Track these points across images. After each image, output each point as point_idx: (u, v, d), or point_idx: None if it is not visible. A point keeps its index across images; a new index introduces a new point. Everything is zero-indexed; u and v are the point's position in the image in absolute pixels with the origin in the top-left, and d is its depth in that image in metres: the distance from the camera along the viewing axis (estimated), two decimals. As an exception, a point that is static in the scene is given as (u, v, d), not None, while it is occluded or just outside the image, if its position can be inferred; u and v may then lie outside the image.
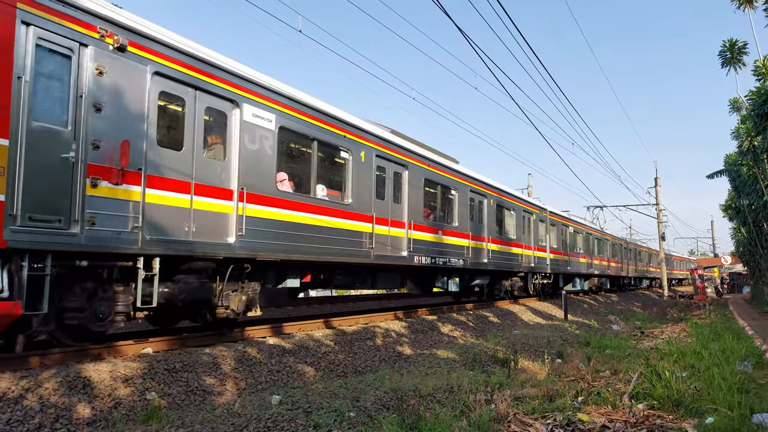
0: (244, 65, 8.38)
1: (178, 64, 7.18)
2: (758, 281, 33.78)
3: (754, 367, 8.49)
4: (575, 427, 5.33)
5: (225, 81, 7.84)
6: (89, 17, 6.19)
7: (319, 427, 5.20)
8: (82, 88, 6.10)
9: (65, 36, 5.96)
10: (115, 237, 6.33)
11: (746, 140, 21.17)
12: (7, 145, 5.35)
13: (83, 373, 5.85)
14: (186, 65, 7.27)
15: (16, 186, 5.45)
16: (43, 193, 5.71)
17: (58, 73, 5.99)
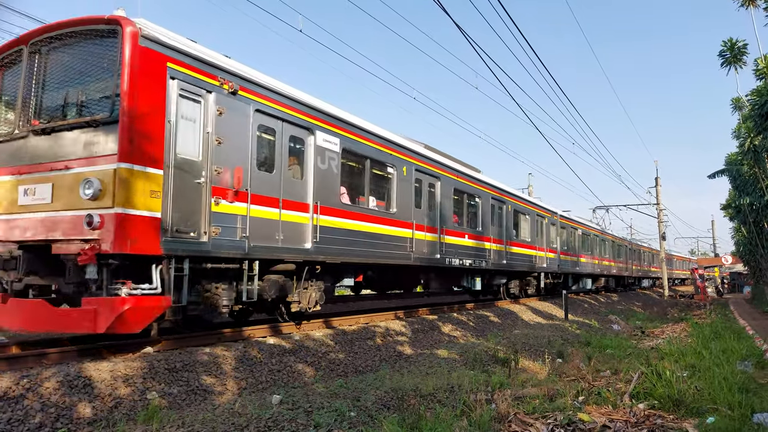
0: (316, 98, 9.81)
1: (271, 102, 8.61)
2: (759, 281, 33.76)
3: (754, 366, 8.49)
4: (576, 426, 5.33)
5: (303, 113, 9.27)
6: (212, 69, 7.63)
7: (319, 426, 5.20)
8: (207, 126, 7.49)
9: (197, 85, 7.41)
10: (231, 244, 7.70)
11: (747, 140, 21.16)
12: (161, 174, 6.76)
13: (84, 373, 5.86)
14: (276, 102, 8.70)
15: (168, 206, 6.83)
16: (184, 211, 7.07)
17: (192, 115, 7.37)
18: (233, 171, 7.76)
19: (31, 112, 7.32)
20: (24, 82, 7.38)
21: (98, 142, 6.61)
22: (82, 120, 6.75)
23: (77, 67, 7.14)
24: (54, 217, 6.74)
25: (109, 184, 6.35)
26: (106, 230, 6.30)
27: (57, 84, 7.30)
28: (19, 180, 7.12)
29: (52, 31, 7.32)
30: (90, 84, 6.99)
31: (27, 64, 7.41)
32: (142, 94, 6.64)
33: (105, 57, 6.82)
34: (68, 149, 6.81)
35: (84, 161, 6.62)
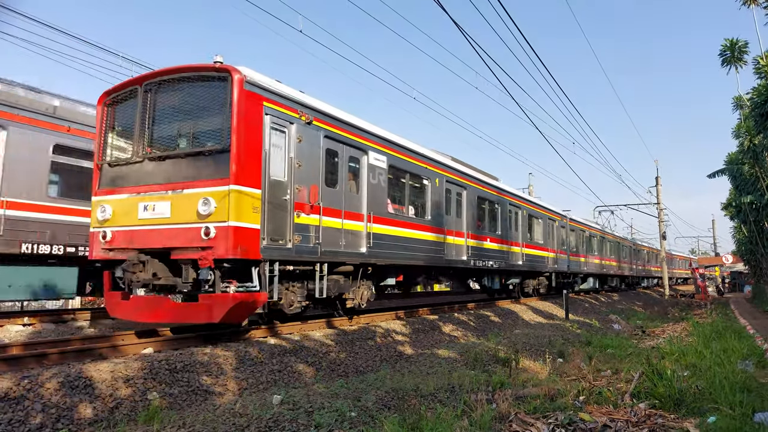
0: (369, 123, 11.29)
1: (336, 128, 10.06)
2: (759, 280, 33.74)
3: (755, 366, 8.47)
4: (577, 426, 5.32)
5: (359, 136, 10.77)
6: (294, 104, 9.04)
7: (320, 426, 5.19)
8: (290, 151, 8.90)
9: (283, 119, 8.81)
10: (307, 250, 9.06)
11: (747, 139, 21.12)
12: (260, 193, 8.14)
13: (84, 373, 5.86)
14: (339, 128, 10.17)
15: (264, 219, 8.18)
16: (275, 223, 8.44)
17: (279, 143, 8.77)
18: (309, 189, 9.22)
19: (145, 142, 8.65)
20: (139, 117, 8.70)
21: (212, 167, 7.95)
22: (197, 150, 8.18)
23: (188, 106, 8.49)
24: (173, 228, 8.00)
25: (223, 202, 7.68)
26: (220, 240, 7.61)
27: (168, 118, 8.67)
28: (138, 198, 8.39)
29: (165, 75, 8.69)
30: (201, 119, 8.38)
31: (141, 101, 8.75)
32: (247, 129, 8.03)
33: (216, 98, 8.20)
34: (184, 173, 8.13)
35: (200, 183, 7.92)
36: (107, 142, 9.18)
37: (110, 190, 8.85)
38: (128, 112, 9.02)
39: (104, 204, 8.74)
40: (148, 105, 8.71)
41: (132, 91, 8.97)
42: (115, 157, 9.05)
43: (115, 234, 8.58)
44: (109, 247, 8.64)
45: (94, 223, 8.88)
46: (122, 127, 9.16)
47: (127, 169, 8.79)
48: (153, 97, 8.72)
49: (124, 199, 8.60)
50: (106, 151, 9.15)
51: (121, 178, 8.80)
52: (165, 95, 8.70)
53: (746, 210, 25.42)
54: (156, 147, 8.63)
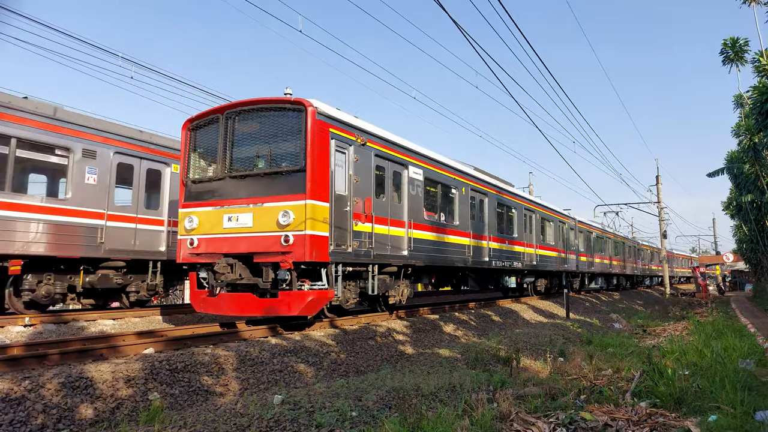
0: (409, 141, 12.66)
1: (383, 147, 11.46)
2: (760, 279, 33.72)
3: (756, 365, 8.47)
4: (578, 425, 5.32)
5: (401, 153, 12.18)
6: (352, 129, 10.42)
7: (321, 426, 5.19)
8: (349, 169, 10.27)
9: (344, 142, 10.16)
10: (363, 253, 10.37)
11: (747, 137, 21.10)
12: (328, 206, 9.44)
13: (85, 374, 5.86)
14: (386, 147, 11.59)
15: (331, 228, 9.46)
16: (339, 231, 9.74)
17: (341, 163, 10.07)
18: (364, 201, 10.56)
19: (227, 162, 9.95)
20: (221, 141, 10.05)
21: (289, 185, 9.25)
22: (275, 170, 9.51)
23: (266, 132, 9.87)
24: (255, 236, 9.30)
25: (300, 214, 8.99)
26: (298, 246, 8.89)
27: (246, 143, 10.01)
28: (223, 210, 9.73)
29: (244, 105, 10.04)
30: (278, 144, 9.76)
31: (223, 128, 10.08)
32: (318, 152, 9.36)
33: (292, 126, 9.56)
34: (263, 189, 9.46)
35: (279, 198, 9.24)
36: (190, 162, 10.55)
37: (195, 204, 10.20)
38: (209, 136, 10.40)
39: (191, 215, 10.11)
40: (229, 131, 10.07)
41: (213, 118, 10.34)
42: (198, 175, 10.47)
43: (201, 241, 9.94)
44: (196, 252, 9.96)
45: (182, 231, 10.22)
46: (203, 149, 10.55)
47: (210, 186, 10.18)
48: (233, 125, 10.08)
49: (209, 211, 9.96)
50: (190, 169, 10.52)
51: (205, 193, 10.17)
52: (244, 123, 10.07)
53: (747, 208, 25.41)
54: (236, 167, 9.97)
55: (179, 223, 10.31)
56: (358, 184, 10.42)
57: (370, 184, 10.81)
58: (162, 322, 12.49)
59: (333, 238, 9.53)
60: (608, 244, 33.43)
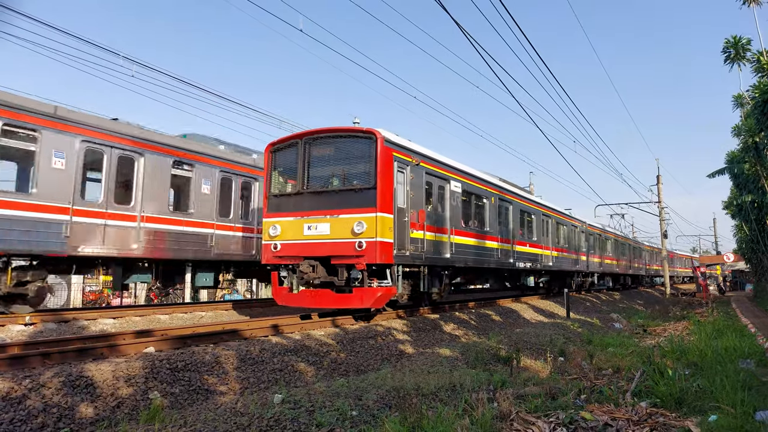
0: (451, 159, 14.62)
1: (432, 166, 13.24)
2: (761, 278, 33.69)
3: (756, 365, 8.46)
4: (578, 425, 5.32)
5: (445, 170, 14.02)
6: (409, 152, 12.15)
7: (321, 425, 5.20)
8: (407, 186, 11.93)
9: (403, 163, 11.88)
10: (417, 256, 12.05)
11: (748, 137, 21.07)
12: (392, 217, 11.14)
13: (85, 373, 5.86)
14: (434, 166, 13.38)
15: (395, 235, 11.16)
16: (400, 238, 11.41)
17: (401, 181, 11.76)
18: (418, 212, 12.18)
19: (305, 180, 11.68)
20: (300, 162, 11.77)
21: (361, 200, 10.97)
22: (349, 187, 11.31)
23: (340, 156, 11.67)
24: (332, 242, 11.03)
25: (371, 224, 10.73)
26: (370, 250, 10.62)
27: (322, 164, 11.75)
28: (303, 220, 11.42)
29: (321, 133, 11.81)
30: (351, 166, 11.55)
31: (302, 151, 11.80)
32: (385, 173, 11.13)
33: (364, 151, 11.32)
34: (338, 203, 11.15)
35: (352, 211, 10.94)
36: (272, 179, 12.26)
37: (278, 214, 11.85)
38: (288, 157, 12.12)
39: (275, 224, 11.78)
40: (307, 154, 11.78)
41: (293, 143, 12.10)
42: (279, 190, 12.21)
43: (284, 246, 11.58)
44: (279, 255, 11.62)
45: (266, 237, 11.88)
46: (282, 169, 12.32)
47: (290, 199, 11.87)
48: (310, 148, 11.80)
49: (291, 221, 11.61)
50: (272, 185, 12.23)
51: (286, 205, 11.84)
52: (320, 147, 11.78)
53: (747, 208, 25.37)
54: (312, 184, 11.68)
55: (263, 230, 12.07)
56: (413, 197, 12.15)
57: (422, 198, 12.59)
58: (162, 322, 12.50)
59: (396, 243, 11.28)
60: (615, 246, 35.25)
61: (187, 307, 14.72)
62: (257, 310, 15.50)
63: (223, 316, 14.06)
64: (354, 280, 11.02)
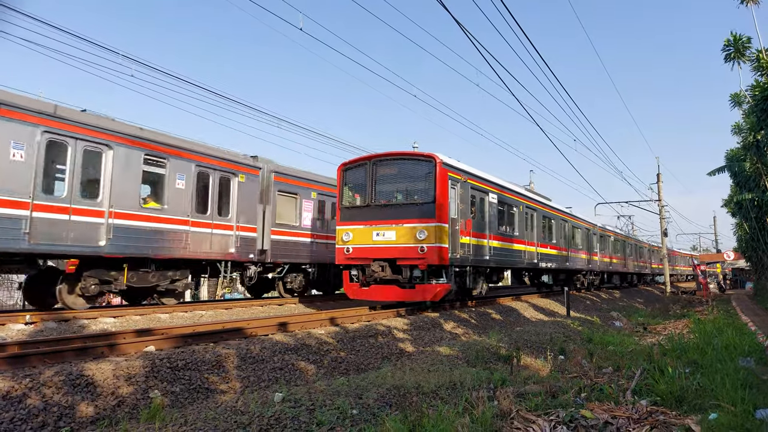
0: (490, 175, 17.16)
1: (475, 182, 15.38)
2: (761, 277, 33.68)
3: (757, 363, 8.46)
4: (578, 423, 5.32)
5: (485, 184, 16.27)
6: (459, 171, 14.33)
7: (322, 424, 5.20)
8: (457, 200, 14.09)
9: (455, 181, 14.01)
10: (463, 258, 14.05)
11: (749, 135, 21.04)
12: (447, 226, 13.24)
13: (86, 372, 5.87)
14: (476, 181, 15.54)
15: (449, 241, 13.22)
16: (453, 243, 13.51)
17: (453, 196, 13.90)
18: (465, 221, 14.37)
19: (373, 194, 13.88)
20: (369, 179, 13.97)
21: (422, 212, 13.09)
22: (411, 201, 13.49)
23: (402, 175, 13.86)
24: (397, 247, 13.16)
25: (431, 232, 12.85)
26: (430, 253, 12.77)
27: (387, 181, 14.00)
28: (372, 228, 13.56)
29: (387, 156, 14.13)
30: (413, 183, 13.70)
31: (370, 171, 14.00)
32: (442, 190, 13.28)
33: (424, 172, 13.51)
34: (401, 214, 13.29)
35: (415, 221, 13.07)
36: (344, 193, 14.51)
37: (349, 223, 13.94)
38: (357, 175, 14.32)
39: (347, 231, 13.87)
40: (374, 173, 13.98)
41: (362, 163, 14.32)
42: (349, 202, 14.35)
43: (355, 249, 13.71)
44: (351, 257, 13.76)
45: (339, 242, 14.00)
46: (352, 185, 14.49)
47: (359, 210, 13.93)
48: (377, 168, 14.01)
49: (361, 229, 13.71)
50: (343, 198, 14.46)
51: (356, 215, 13.90)
52: (386, 167, 14.02)
53: (747, 206, 25.35)
54: (378, 198, 13.89)
55: (337, 236, 14.23)
56: (462, 209, 14.26)
57: (468, 209, 14.72)
58: (162, 321, 12.49)
59: (450, 248, 13.31)
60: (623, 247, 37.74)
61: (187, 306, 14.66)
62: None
63: (223, 315, 14.06)
64: (416, 278, 13.25)
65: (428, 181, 13.35)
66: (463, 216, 14.27)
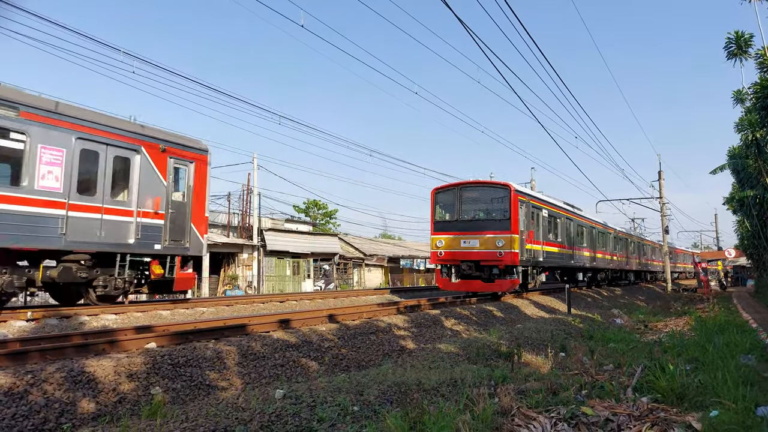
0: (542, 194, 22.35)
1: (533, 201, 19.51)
2: (762, 274, 33.65)
3: (758, 360, 8.45)
4: (579, 420, 5.32)
5: (539, 202, 20.42)
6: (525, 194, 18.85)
7: (323, 421, 5.20)
8: (523, 216, 18.22)
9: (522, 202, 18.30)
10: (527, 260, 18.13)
11: (750, 132, 20.99)
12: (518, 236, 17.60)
13: (87, 368, 5.88)
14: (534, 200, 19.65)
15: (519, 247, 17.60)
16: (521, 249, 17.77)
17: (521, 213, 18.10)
18: (528, 232, 18.48)
19: (459, 212, 18.24)
20: (457, 201, 18.34)
21: (500, 226, 17.27)
22: (491, 218, 17.66)
23: (483, 198, 18.17)
24: (480, 251, 17.33)
25: (507, 241, 16.97)
26: (506, 257, 16.84)
27: (471, 203, 18.34)
28: (460, 237, 17.79)
29: (471, 184, 18.62)
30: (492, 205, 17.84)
31: (458, 195, 18.41)
32: (515, 210, 17.34)
33: (501, 196, 17.71)
34: (483, 228, 17.54)
35: (495, 233, 17.28)
36: (436, 210, 18.93)
37: (441, 233, 18.32)
38: (447, 197, 18.83)
39: (440, 239, 18.22)
40: (461, 196, 18.50)
41: (451, 189, 18.84)
42: (440, 217, 18.83)
43: (446, 252, 17.99)
44: (443, 259, 18.12)
45: (433, 247, 18.41)
46: (443, 204, 18.94)
47: (449, 224, 18.40)
48: (463, 193, 18.54)
49: (450, 237, 18.05)
50: (436, 214, 18.87)
51: (447, 227, 18.34)
52: (469, 192, 18.56)
53: (749, 204, 25.33)
54: (464, 215, 18.29)
55: (431, 242, 18.62)
56: (526, 222, 18.39)
57: (529, 222, 18.83)
58: (164, 318, 12.51)
59: (520, 253, 17.37)
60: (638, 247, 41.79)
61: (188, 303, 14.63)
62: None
63: (225, 312, 14.08)
64: (494, 275, 17.58)
65: (504, 203, 17.67)
66: (527, 228, 18.47)
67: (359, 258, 43.39)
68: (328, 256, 38.37)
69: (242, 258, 31.85)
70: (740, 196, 26.15)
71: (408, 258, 48.01)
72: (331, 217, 56.59)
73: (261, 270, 32.49)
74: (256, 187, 32.84)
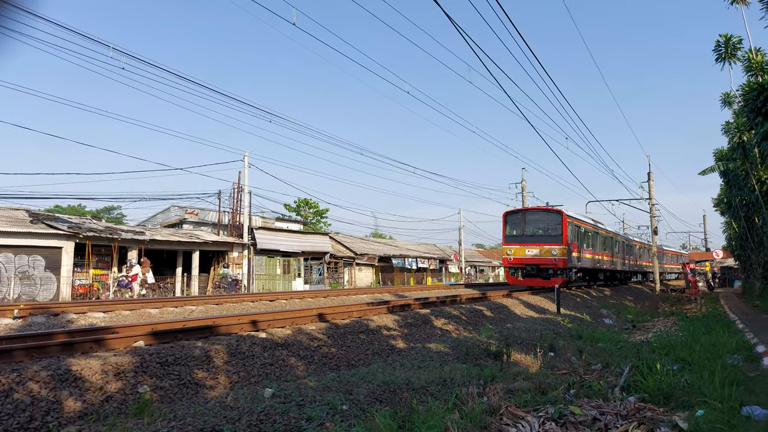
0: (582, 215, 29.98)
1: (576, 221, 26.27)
2: (749, 275, 34.03)
3: (743, 360, 8.55)
4: (567, 419, 5.35)
5: (579, 222, 27.05)
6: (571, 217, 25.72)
7: (311, 420, 5.19)
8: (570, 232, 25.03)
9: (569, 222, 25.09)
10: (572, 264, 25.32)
11: (736, 135, 21.20)
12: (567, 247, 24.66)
13: (74, 367, 5.82)
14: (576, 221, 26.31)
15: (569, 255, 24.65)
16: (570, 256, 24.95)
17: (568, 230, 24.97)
18: (573, 243, 24.84)
19: (525, 229, 25.14)
20: (522, 222, 25.25)
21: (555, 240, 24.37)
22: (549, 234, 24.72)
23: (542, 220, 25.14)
24: (540, 258, 24.24)
25: (560, 250, 24.11)
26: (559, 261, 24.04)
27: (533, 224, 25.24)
28: (524, 246, 24.69)
29: (533, 210, 26.24)
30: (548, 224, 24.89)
31: (523, 218, 25.42)
32: (564, 228, 24.36)
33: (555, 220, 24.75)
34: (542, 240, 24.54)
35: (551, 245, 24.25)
36: (507, 229, 25.30)
37: (510, 244, 24.87)
38: (515, 219, 25.30)
39: (510, 248, 24.81)
40: (525, 217, 25.12)
41: (518, 212, 25.99)
42: (509, 233, 25.23)
43: (515, 258, 24.52)
44: (512, 262, 24.72)
45: (504, 254, 25.15)
46: (512, 224, 25.25)
47: (517, 237, 24.77)
48: (527, 216, 25.27)
49: (518, 247, 24.56)
50: (507, 230, 25.30)
51: (515, 239, 24.84)
52: (532, 216, 25.26)
53: (737, 206, 25.59)
54: (527, 233, 24.72)
55: (503, 251, 25.37)
56: (571, 237, 24.11)
57: (574, 237, 24.71)
58: (152, 316, 12.43)
59: (568, 259, 23.39)
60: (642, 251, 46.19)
61: (178, 301, 14.60)
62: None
63: (214, 311, 14.01)
64: (550, 274, 23.71)
65: (558, 223, 24.12)
66: (572, 240, 24.57)
67: (350, 257, 43.35)
68: (318, 255, 38.30)
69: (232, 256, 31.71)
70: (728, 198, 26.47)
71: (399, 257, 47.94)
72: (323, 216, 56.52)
73: (251, 269, 32.37)
74: (247, 185, 32.71)
